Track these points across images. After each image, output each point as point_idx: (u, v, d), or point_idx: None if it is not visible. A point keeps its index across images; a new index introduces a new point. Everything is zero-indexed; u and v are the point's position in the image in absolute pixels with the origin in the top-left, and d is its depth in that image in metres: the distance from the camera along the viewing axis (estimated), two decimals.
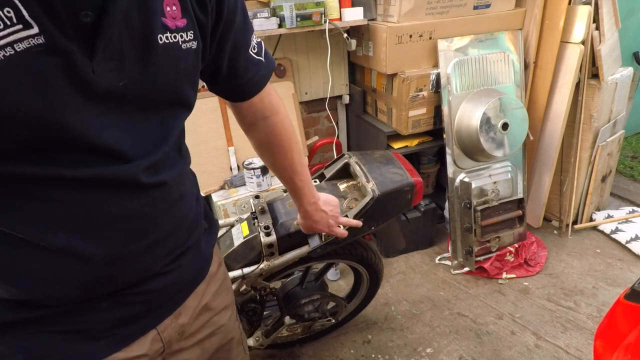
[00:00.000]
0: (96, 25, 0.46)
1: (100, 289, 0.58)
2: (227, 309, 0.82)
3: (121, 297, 0.61)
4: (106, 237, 0.55)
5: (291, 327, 1.55)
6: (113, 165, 0.53)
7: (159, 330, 0.68)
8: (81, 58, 0.46)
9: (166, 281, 0.67)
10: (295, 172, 0.92)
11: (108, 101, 0.51)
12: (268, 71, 0.76)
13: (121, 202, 0.56)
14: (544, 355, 1.68)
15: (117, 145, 0.53)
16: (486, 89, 1.98)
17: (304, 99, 2.37)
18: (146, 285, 0.64)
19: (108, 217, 0.55)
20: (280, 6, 1.82)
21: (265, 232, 1.15)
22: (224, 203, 1.92)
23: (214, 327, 0.79)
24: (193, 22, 0.57)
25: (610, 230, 2.33)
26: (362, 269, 1.55)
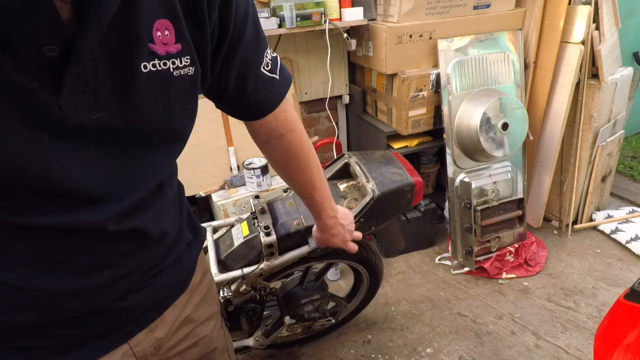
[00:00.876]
0: (64, 59, 0.40)
1: (61, 316, 0.55)
2: (210, 319, 0.79)
3: (88, 316, 0.58)
4: (67, 275, 0.52)
5: (291, 327, 1.55)
6: (77, 211, 0.49)
7: (132, 345, 0.64)
8: (44, 95, 0.41)
9: (139, 298, 0.63)
10: (315, 188, 0.87)
11: (81, 137, 0.46)
12: (283, 89, 0.72)
13: (85, 249, 0.52)
14: (544, 355, 1.68)
15: (86, 186, 0.48)
16: (486, 89, 1.98)
17: (304, 99, 2.37)
18: (116, 304, 0.60)
19: (70, 260, 0.52)
20: (280, 6, 1.82)
21: (265, 232, 1.15)
22: (224, 203, 1.92)
23: (195, 339, 0.75)
24: (189, 47, 0.51)
25: (610, 230, 2.33)
26: (362, 269, 1.55)
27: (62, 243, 0.50)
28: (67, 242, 0.51)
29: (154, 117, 0.51)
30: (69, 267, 0.52)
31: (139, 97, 0.48)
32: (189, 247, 0.73)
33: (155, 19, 0.47)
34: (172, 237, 0.67)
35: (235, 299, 1.24)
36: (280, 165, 0.83)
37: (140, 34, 0.45)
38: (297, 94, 2.24)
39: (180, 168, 0.71)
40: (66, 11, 0.39)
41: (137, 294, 0.62)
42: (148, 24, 0.46)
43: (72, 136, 0.45)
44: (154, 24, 0.47)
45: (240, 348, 1.43)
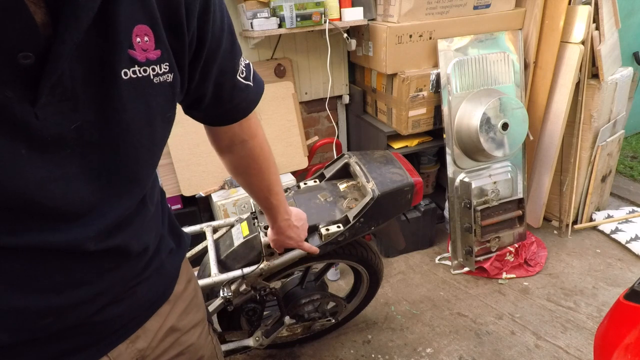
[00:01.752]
0: (40, 66, 0.38)
1: (34, 334, 0.52)
2: (197, 326, 0.78)
3: (64, 332, 0.55)
4: (42, 294, 0.49)
5: (291, 327, 1.55)
6: (57, 230, 0.47)
7: (111, 357, 0.62)
8: (19, 105, 0.39)
9: (118, 310, 0.61)
10: (272, 193, 0.88)
11: (60, 149, 0.43)
12: (257, 96, 0.72)
13: (63, 267, 0.50)
14: (544, 355, 1.68)
15: (66, 202, 0.46)
16: (486, 89, 1.98)
17: (304, 99, 2.37)
18: (94, 317, 0.57)
19: (46, 277, 0.49)
20: (280, 6, 1.82)
21: (265, 232, 1.14)
22: (224, 203, 1.92)
23: (181, 347, 0.74)
24: (168, 53, 0.50)
25: (610, 230, 2.33)
26: (362, 269, 1.55)
27: (37, 262, 0.48)
28: (44, 260, 0.48)
29: (135, 127, 0.49)
30: (44, 285, 0.49)
31: (120, 105, 0.46)
32: (171, 254, 0.72)
33: (134, 24, 0.45)
34: (153, 249, 0.65)
35: (235, 299, 1.24)
36: (241, 170, 0.83)
37: (119, 40, 0.44)
38: (297, 94, 2.24)
39: (180, 168, 0.71)
40: (40, 15, 0.37)
41: (115, 305, 0.60)
42: (127, 29, 0.44)
43: (52, 148, 0.43)
44: (133, 30, 0.45)
45: (240, 348, 1.43)
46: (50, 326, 0.53)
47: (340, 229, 1.20)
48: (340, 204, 1.29)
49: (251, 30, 1.84)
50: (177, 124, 0.60)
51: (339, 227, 1.21)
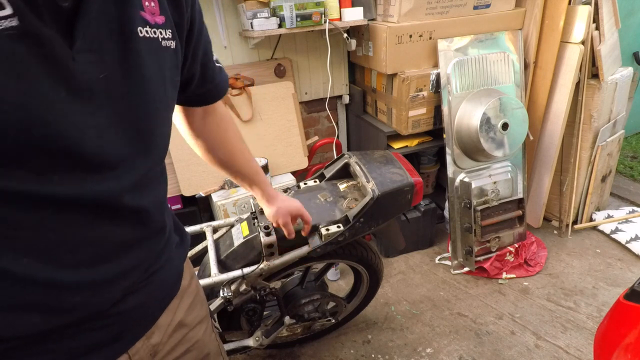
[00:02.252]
0: (74, 11, 0.42)
1: (64, 317, 0.53)
2: (202, 322, 0.79)
3: (89, 322, 0.56)
4: (73, 264, 0.50)
5: (291, 327, 1.55)
6: (91, 180, 0.48)
7: (130, 354, 0.63)
8: (59, 45, 0.41)
9: (137, 299, 0.62)
10: (251, 159, 0.94)
11: (94, 99, 0.46)
12: (227, 77, 0.80)
13: (93, 234, 0.51)
14: (544, 355, 1.68)
15: (100, 150, 0.47)
16: (486, 89, 1.98)
17: (304, 99, 2.37)
18: (116, 306, 0.59)
19: (78, 243, 0.50)
20: (280, 6, 1.82)
21: (265, 232, 1.14)
22: (224, 203, 1.92)
23: (189, 344, 0.75)
24: (171, 22, 0.55)
25: (610, 230, 2.33)
26: (362, 269, 1.55)
27: (71, 223, 0.48)
28: (77, 222, 0.49)
29: (154, 83, 0.53)
30: (75, 257, 0.51)
31: (140, 61, 0.50)
32: (177, 248, 0.74)
33: None
34: (166, 235, 0.68)
35: (235, 299, 1.24)
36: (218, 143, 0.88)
37: (134, 2, 0.49)
38: (297, 94, 2.24)
39: (180, 168, 0.73)
40: None
41: (134, 295, 0.62)
42: None
43: (86, 96, 0.45)
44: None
45: (240, 348, 1.43)
46: (78, 308, 0.53)
47: (340, 229, 1.20)
48: (340, 204, 1.29)
49: (251, 30, 1.84)
50: None
51: (339, 227, 1.21)
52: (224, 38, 2.06)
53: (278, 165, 2.11)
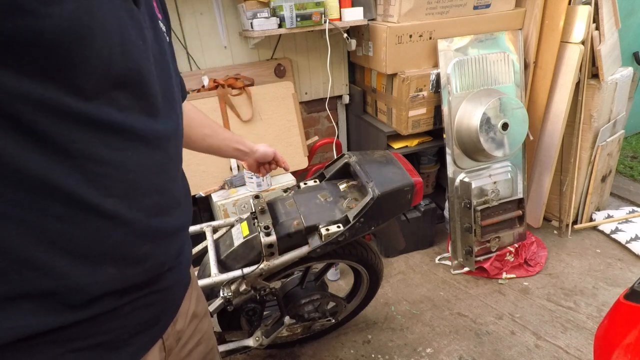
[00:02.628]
0: None
1: (135, 269, 0.55)
2: (206, 315, 0.82)
3: (141, 298, 0.59)
4: (145, 206, 0.54)
5: (291, 327, 1.55)
6: (153, 118, 0.54)
7: (164, 339, 0.66)
8: (133, 5, 0.49)
9: (174, 277, 0.66)
10: (221, 127, 1.04)
11: (147, 47, 0.53)
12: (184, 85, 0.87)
13: (162, 174, 0.57)
14: (544, 355, 1.68)
15: (156, 90, 0.54)
16: (486, 89, 1.98)
17: (304, 99, 2.37)
18: (160, 282, 0.62)
19: (149, 188, 0.55)
20: (280, 6, 1.82)
21: (265, 232, 1.14)
22: (224, 203, 1.92)
23: (200, 335, 0.78)
24: (164, 21, 0.62)
25: (610, 230, 2.33)
26: (362, 269, 1.55)
27: (145, 164, 0.53)
28: (148, 164, 0.53)
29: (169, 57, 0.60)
30: (147, 202, 0.54)
31: (162, 36, 0.58)
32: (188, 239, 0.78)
33: None
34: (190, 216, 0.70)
35: (235, 299, 1.24)
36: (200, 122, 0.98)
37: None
38: (297, 94, 2.24)
39: None
40: None
41: (170, 273, 0.64)
42: None
43: (149, 50, 0.53)
44: None
45: (240, 348, 1.43)
46: (147, 260, 0.56)
47: (340, 229, 1.20)
48: (340, 204, 1.29)
49: (251, 30, 1.84)
50: None
51: (339, 227, 1.21)
52: (224, 38, 2.06)
53: None
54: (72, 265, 0.47)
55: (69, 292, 0.48)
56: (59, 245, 0.46)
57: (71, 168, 0.45)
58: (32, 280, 0.45)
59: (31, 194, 0.43)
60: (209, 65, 2.09)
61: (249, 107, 2.04)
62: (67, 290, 0.47)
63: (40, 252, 0.45)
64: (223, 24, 2.03)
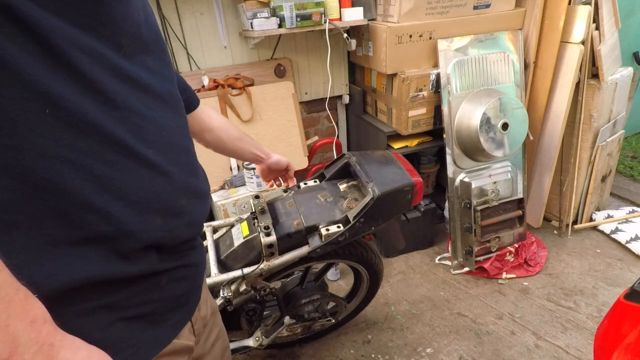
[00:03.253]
0: None
1: (176, 221, 0.58)
2: (217, 311, 0.85)
3: (175, 270, 0.61)
4: (177, 162, 0.58)
5: (291, 327, 1.55)
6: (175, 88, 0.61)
7: (192, 322, 0.69)
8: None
9: (198, 256, 0.68)
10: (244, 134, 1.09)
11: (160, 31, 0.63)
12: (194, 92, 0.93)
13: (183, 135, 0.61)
14: (544, 355, 1.68)
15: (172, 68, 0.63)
16: (486, 89, 1.98)
17: (304, 99, 2.37)
18: (190, 256, 0.65)
19: (178, 146, 0.59)
20: (280, 6, 1.82)
21: (265, 232, 1.14)
22: (224, 203, 1.92)
23: (218, 329, 0.80)
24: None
25: (610, 230, 2.33)
26: (362, 269, 1.55)
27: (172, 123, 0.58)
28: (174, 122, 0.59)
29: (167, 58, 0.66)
30: (178, 159, 0.59)
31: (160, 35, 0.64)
32: None
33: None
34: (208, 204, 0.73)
35: (235, 299, 1.24)
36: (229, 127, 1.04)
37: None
38: (297, 94, 2.24)
39: None
40: None
41: (194, 252, 0.67)
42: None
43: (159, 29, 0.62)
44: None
45: (240, 348, 1.43)
46: (185, 213, 0.59)
47: (341, 229, 1.20)
48: (340, 204, 1.29)
49: (251, 30, 1.84)
50: None
51: (339, 227, 1.21)
52: (224, 38, 2.06)
53: None
54: (125, 211, 0.50)
55: (124, 237, 0.50)
56: (113, 190, 0.48)
57: (119, 118, 0.49)
58: (92, 223, 0.47)
59: (88, 139, 0.46)
60: (209, 65, 2.09)
61: (249, 107, 2.03)
62: (122, 235, 0.50)
63: (97, 196, 0.47)
64: (223, 24, 2.03)
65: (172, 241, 0.59)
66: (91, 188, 0.46)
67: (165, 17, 1.92)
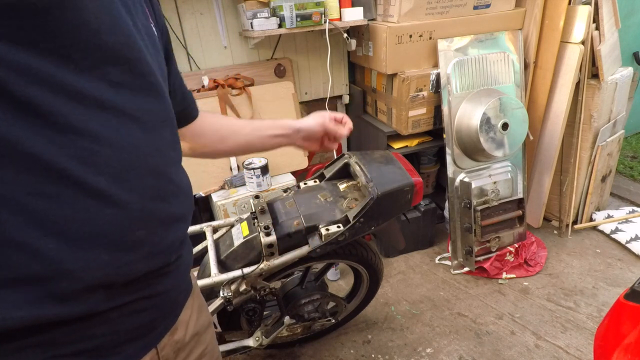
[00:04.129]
0: None
1: (126, 255, 0.51)
2: (209, 327, 0.79)
3: (132, 303, 0.56)
4: (139, 188, 0.51)
5: (291, 327, 1.55)
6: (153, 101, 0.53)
7: (158, 349, 0.63)
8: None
9: (170, 282, 0.62)
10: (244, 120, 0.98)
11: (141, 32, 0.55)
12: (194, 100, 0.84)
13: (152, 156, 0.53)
14: (544, 355, 1.68)
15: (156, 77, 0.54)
16: (486, 89, 1.98)
17: (304, 99, 2.37)
18: (153, 286, 0.59)
19: (142, 171, 0.52)
20: (280, 6, 1.82)
21: (265, 232, 1.14)
22: (224, 203, 1.92)
23: (203, 347, 0.75)
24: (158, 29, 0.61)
25: (610, 230, 2.33)
26: (362, 269, 1.55)
27: (135, 144, 0.50)
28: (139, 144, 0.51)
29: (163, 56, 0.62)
30: (140, 184, 0.51)
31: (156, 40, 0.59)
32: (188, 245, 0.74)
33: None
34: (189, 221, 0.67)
35: (235, 299, 1.24)
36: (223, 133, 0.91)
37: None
38: (297, 94, 2.24)
39: None
40: None
41: (165, 278, 0.61)
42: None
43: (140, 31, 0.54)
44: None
45: (240, 348, 1.43)
46: (141, 247, 0.53)
47: (340, 229, 1.20)
48: (340, 204, 1.29)
49: (251, 30, 1.84)
50: None
51: (339, 227, 1.21)
52: (224, 38, 2.06)
53: (278, 165, 2.11)
54: (62, 248, 0.44)
55: (60, 278, 0.45)
56: (47, 225, 0.43)
57: (62, 143, 0.43)
58: (21, 263, 0.42)
59: (20, 170, 0.41)
60: (209, 65, 2.09)
61: (249, 107, 2.03)
62: (58, 275, 0.44)
63: (28, 233, 0.42)
64: (223, 24, 2.03)
65: (125, 277, 0.52)
66: (20, 224, 0.41)
67: (165, 17, 1.92)
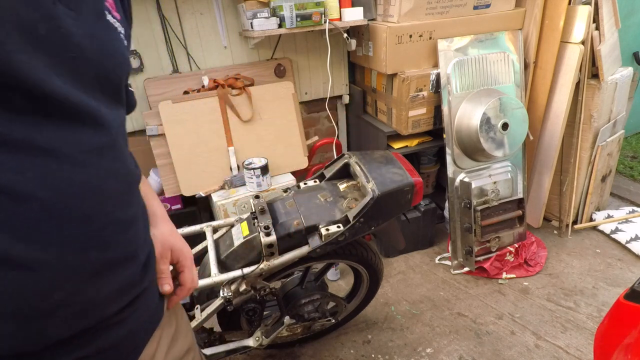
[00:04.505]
0: None
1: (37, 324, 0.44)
2: (188, 352, 0.72)
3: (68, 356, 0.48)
4: (60, 241, 0.43)
5: (291, 327, 1.55)
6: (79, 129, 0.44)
7: None
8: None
9: (121, 332, 0.54)
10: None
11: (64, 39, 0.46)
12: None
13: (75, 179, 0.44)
14: (544, 355, 1.68)
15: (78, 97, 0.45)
16: (486, 89, 1.98)
17: (304, 99, 2.37)
18: (97, 340, 0.51)
19: (60, 213, 0.43)
20: (280, 6, 1.82)
21: (265, 232, 1.15)
22: (224, 203, 1.92)
23: None
24: (124, 22, 0.55)
25: (610, 230, 2.33)
26: (362, 269, 1.55)
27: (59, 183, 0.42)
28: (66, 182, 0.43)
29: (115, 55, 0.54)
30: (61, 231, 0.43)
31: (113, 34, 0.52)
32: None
33: None
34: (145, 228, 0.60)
35: (236, 299, 1.24)
36: None
37: None
38: (297, 94, 2.24)
39: (180, 168, 0.70)
40: None
41: (117, 327, 0.54)
42: None
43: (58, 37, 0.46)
44: None
45: (240, 348, 1.43)
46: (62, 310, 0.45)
47: (340, 229, 1.20)
48: (340, 204, 1.29)
49: (251, 30, 1.84)
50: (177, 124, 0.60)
51: (339, 227, 1.21)
52: (224, 38, 2.06)
53: (278, 166, 2.11)
54: None
55: None
56: None
57: None
58: None
59: None
60: (209, 65, 2.09)
61: (249, 107, 2.03)
62: None
63: None
64: (223, 24, 2.03)
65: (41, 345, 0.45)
66: None
67: (165, 17, 1.92)
